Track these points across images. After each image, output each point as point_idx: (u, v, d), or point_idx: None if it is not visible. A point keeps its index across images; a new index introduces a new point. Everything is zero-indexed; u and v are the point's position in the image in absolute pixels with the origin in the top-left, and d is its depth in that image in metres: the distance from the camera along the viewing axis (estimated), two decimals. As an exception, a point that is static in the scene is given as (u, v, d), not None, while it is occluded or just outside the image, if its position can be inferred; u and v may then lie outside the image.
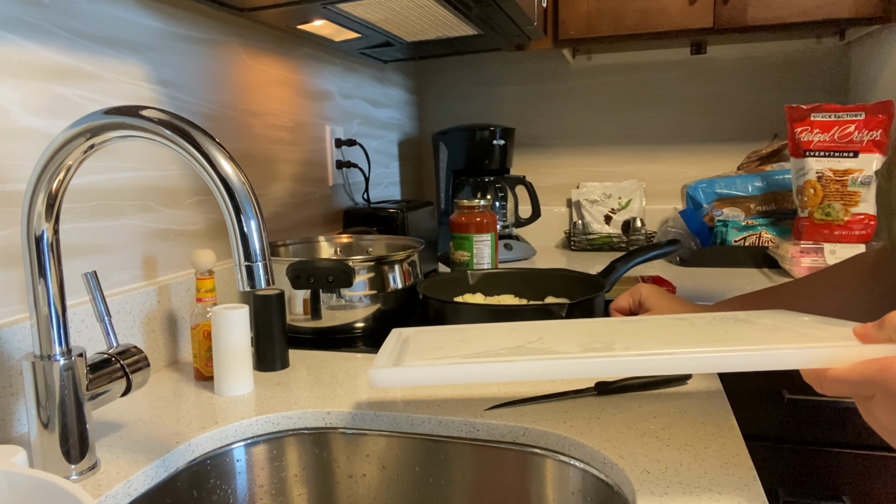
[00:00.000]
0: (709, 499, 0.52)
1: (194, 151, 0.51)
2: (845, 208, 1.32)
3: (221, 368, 0.78)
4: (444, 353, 0.54)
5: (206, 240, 1.01)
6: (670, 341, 0.53)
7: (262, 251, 0.52)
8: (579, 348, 0.52)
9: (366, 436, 0.72)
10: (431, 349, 0.56)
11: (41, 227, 0.56)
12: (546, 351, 0.52)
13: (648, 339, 0.55)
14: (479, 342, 0.57)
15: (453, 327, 0.68)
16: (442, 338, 0.61)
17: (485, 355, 0.51)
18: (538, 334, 0.59)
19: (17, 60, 0.70)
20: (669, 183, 1.89)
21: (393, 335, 0.67)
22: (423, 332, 0.67)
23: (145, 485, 0.61)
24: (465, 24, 1.21)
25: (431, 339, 0.61)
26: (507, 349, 0.53)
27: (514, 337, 0.59)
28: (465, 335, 0.61)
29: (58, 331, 0.58)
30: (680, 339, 0.53)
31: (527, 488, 0.67)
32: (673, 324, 0.62)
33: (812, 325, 0.54)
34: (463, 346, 0.56)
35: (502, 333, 0.62)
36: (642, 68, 1.87)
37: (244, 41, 1.12)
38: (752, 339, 0.51)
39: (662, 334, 0.56)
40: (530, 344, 0.55)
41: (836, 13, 1.36)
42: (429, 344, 0.58)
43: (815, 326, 0.53)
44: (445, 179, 1.75)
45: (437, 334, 0.64)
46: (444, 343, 0.58)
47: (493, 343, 0.57)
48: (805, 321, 0.57)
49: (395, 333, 0.68)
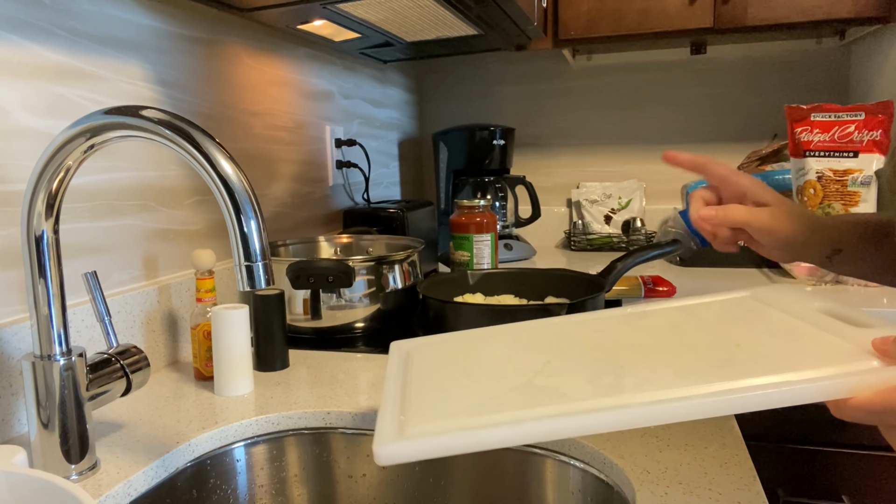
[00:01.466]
0: (709, 499, 0.52)
1: (194, 151, 0.51)
2: (845, 208, 1.32)
3: (221, 368, 0.78)
4: (449, 401, 0.50)
5: (206, 240, 1.01)
6: (683, 367, 0.49)
7: (262, 251, 0.52)
8: (589, 387, 0.49)
9: (366, 436, 0.72)
10: (434, 392, 0.53)
11: (41, 227, 0.56)
12: (554, 392, 0.48)
13: (658, 361, 0.51)
14: (482, 375, 0.54)
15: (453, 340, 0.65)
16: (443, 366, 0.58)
17: (491, 406, 0.48)
18: (544, 355, 0.56)
19: (17, 60, 0.70)
20: (669, 183, 1.89)
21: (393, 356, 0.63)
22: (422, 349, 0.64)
23: (145, 485, 0.61)
24: (465, 23, 1.21)
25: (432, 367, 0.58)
26: (513, 390, 0.50)
27: (518, 360, 0.56)
28: (466, 359, 0.58)
29: (58, 331, 0.58)
30: (692, 363, 0.50)
31: (527, 488, 0.67)
32: (681, 321, 0.59)
33: (827, 321, 0.52)
34: (466, 383, 0.53)
35: (506, 350, 0.59)
36: (642, 68, 1.87)
37: (244, 41, 1.12)
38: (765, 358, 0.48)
39: (674, 351, 0.52)
40: (537, 378, 0.52)
41: (836, 13, 1.36)
42: (430, 381, 0.55)
43: (831, 325, 0.51)
44: (445, 179, 1.75)
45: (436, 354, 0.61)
46: (446, 380, 0.55)
47: (498, 377, 0.53)
48: (817, 309, 0.54)
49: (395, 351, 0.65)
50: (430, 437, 0.45)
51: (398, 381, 0.56)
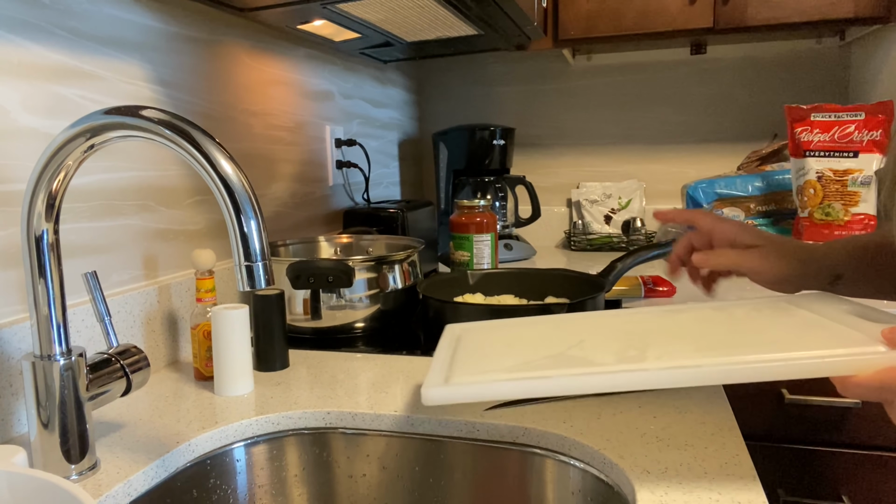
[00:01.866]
0: (709, 499, 0.52)
1: (194, 151, 0.51)
2: (845, 208, 1.32)
3: (221, 368, 0.78)
4: (489, 364, 0.58)
5: (206, 240, 1.01)
6: (703, 345, 0.54)
7: (262, 251, 0.52)
8: (614, 357, 0.55)
9: (366, 436, 0.72)
10: (477, 358, 0.61)
11: (41, 227, 0.56)
12: (583, 360, 0.55)
13: (682, 342, 0.56)
14: (522, 347, 0.62)
15: (501, 325, 0.73)
16: (489, 341, 0.66)
17: (525, 367, 0.55)
18: (580, 335, 0.63)
19: (17, 60, 0.70)
20: (669, 183, 1.89)
21: (446, 335, 0.72)
22: (473, 331, 0.72)
23: (145, 485, 0.61)
24: (465, 23, 1.21)
25: (479, 342, 0.66)
26: (547, 358, 0.57)
27: (556, 338, 0.63)
28: (510, 337, 0.66)
29: (58, 331, 0.58)
30: (713, 343, 0.54)
31: (527, 488, 0.67)
32: (712, 316, 0.63)
33: (849, 318, 0.55)
34: (507, 352, 0.61)
35: (546, 332, 0.66)
36: (642, 68, 1.87)
37: (244, 41, 1.12)
38: (782, 342, 0.53)
39: (698, 335, 0.57)
40: (570, 350, 0.58)
41: (836, 13, 1.36)
42: (476, 352, 0.63)
43: (851, 321, 0.55)
44: (445, 179, 1.75)
45: (484, 335, 0.69)
46: (490, 350, 0.62)
47: (536, 349, 0.60)
48: (844, 310, 0.58)
49: (449, 332, 0.73)
50: (467, 385, 0.53)
51: (448, 352, 0.65)
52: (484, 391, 0.53)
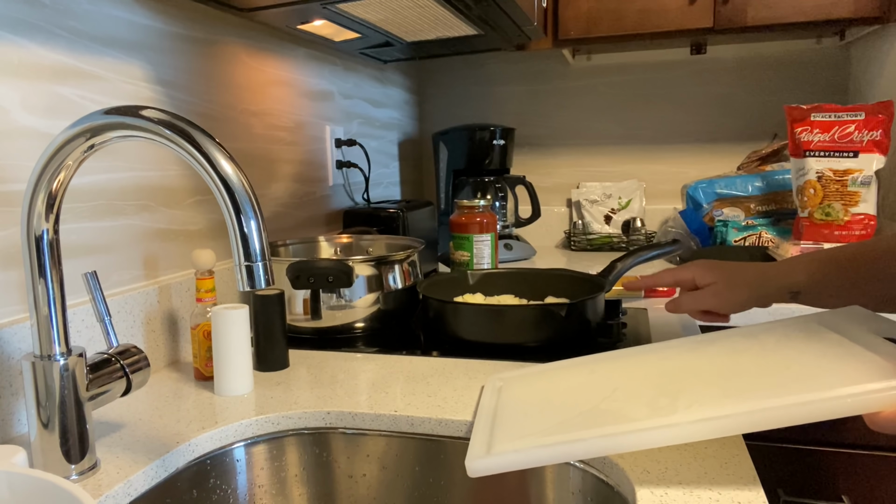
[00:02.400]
0: (709, 499, 0.52)
1: (194, 151, 0.51)
2: (845, 208, 1.32)
3: (221, 368, 0.78)
4: (528, 426, 0.60)
5: (206, 240, 1.01)
6: (732, 389, 0.55)
7: (262, 251, 0.52)
8: (646, 409, 0.56)
9: (366, 436, 0.72)
10: (517, 419, 0.63)
11: (41, 227, 0.56)
12: (616, 415, 0.57)
13: (712, 387, 0.57)
14: (560, 402, 0.64)
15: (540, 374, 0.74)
16: (527, 396, 0.68)
17: (561, 429, 0.57)
18: (613, 383, 0.65)
19: (17, 60, 0.70)
20: (669, 183, 1.89)
21: (487, 391, 0.73)
22: (512, 384, 0.73)
23: (145, 485, 0.61)
24: (465, 23, 1.21)
25: (518, 399, 0.68)
26: (582, 414, 0.59)
27: (591, 388, 0.65)
28: (548, 390, 0.68)
29: (58, 331, 0.58)
30: (742, 386, 0.56)
31: (527, 488, 0.67)
32: (742, 347, 0.65)
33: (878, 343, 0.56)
34: (545, 410, 0.63)
35: (583, 380, 0.68)
36: (642, 68, 1.87)
37: (244, 41, 1.12)
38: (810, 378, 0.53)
39: (728, 374, 0.59)
40: (603, 403, 0.60)
41: (836, 13, 1.36)
42: (515, 411, 0.65)
43: (880, 346, 0.55)
44: (445, 179, 1.75)
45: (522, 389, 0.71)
46: (529, 409, 0.64)
47: (572, 404, 0.62)
48: (874, 330, 0.59)
49: (490, 387, 0.74)
50: (509, 454, 0.56)
51: (489, 413, 0.66)
52: (525, 459, 0.55)
